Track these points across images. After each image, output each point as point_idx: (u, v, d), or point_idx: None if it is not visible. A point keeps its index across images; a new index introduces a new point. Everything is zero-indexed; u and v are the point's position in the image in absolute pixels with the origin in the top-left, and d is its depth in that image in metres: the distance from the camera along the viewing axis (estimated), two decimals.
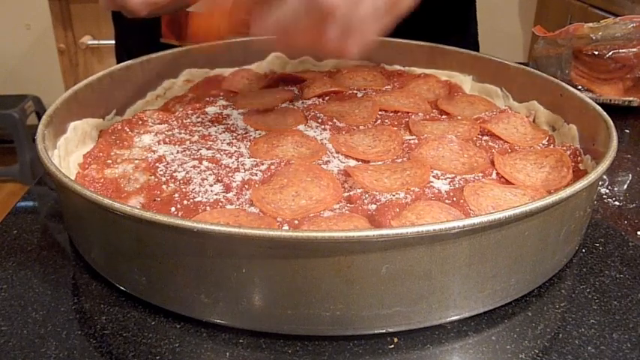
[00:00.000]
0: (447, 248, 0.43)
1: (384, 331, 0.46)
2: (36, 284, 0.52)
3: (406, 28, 0.85)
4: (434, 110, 0.74)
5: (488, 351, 0.46)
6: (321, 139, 0.65)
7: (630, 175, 0.72)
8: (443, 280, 0.45)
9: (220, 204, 0.53)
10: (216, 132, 0.67)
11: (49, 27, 2.52)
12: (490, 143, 0.65)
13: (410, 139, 0.66)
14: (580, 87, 0.90)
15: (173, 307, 0.48)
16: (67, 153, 0.61)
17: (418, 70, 0.85)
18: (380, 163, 0.61)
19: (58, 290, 0.51)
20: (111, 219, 0.47)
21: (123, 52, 1.02)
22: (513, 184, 0.57)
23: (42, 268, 0.54)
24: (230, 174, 0.58)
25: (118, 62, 0.83)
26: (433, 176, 0.58)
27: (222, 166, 0.59)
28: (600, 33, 0.92)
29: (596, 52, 0.90)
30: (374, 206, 0.53)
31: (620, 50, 0.89)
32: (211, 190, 0.55)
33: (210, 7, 0.60)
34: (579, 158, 0.62)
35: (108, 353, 0.45)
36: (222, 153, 0.62)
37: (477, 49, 1.04)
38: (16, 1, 2.63)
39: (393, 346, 0.46)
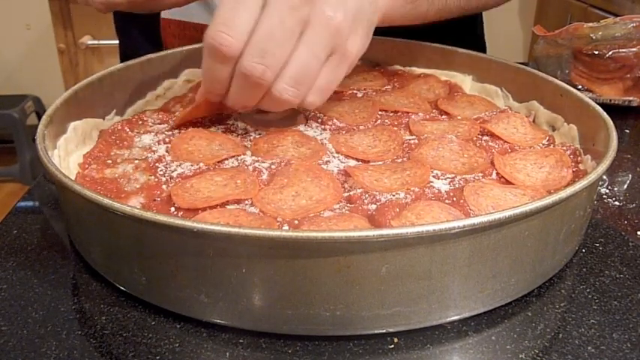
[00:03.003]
0: (447, 248, 0.43)
1: (384, 331, 0.46)
2: (36, 284, 0.52)
3: (414, 31, 0.85)
4: (434, 110, 0.74)
5: (488, 351, 0.46)
6: (321, 139, 0.65)
7: (630, 175, 0.72)
8: (443, 280, 0.45)
9: (220, 204, 0.53)
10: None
11: (49, 27, 2.52)
12: (490, 143, 0.65)
13: (410, 139, 0.65)
14: (580, 87, 0.90)
15: (173, 307, 0.48)
16: (67, 153, 0.61)
17: (418, 70, 0.85)
18: (380, 163, 0.61)
19: (58, 290, 0.51)
20: (111, 219, 0.47)
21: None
22: (513, 184, 0.57)
23: (42, 268, 0.54)
24: None
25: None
26: (433, 176, 0.58)
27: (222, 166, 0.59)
28: (600, 33, 0.92)
29: (596, 52, 0.90)
30: (374, 206, 0.53)
31: (620, 50, 0.89)
32: None
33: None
34: (579, 158, 0.62)
35: (108, 353, 0.45)
36: None
37: (484, 50, 1.04)
38: (16, 1, 2.64)
39: (393, 346, 0.46)
